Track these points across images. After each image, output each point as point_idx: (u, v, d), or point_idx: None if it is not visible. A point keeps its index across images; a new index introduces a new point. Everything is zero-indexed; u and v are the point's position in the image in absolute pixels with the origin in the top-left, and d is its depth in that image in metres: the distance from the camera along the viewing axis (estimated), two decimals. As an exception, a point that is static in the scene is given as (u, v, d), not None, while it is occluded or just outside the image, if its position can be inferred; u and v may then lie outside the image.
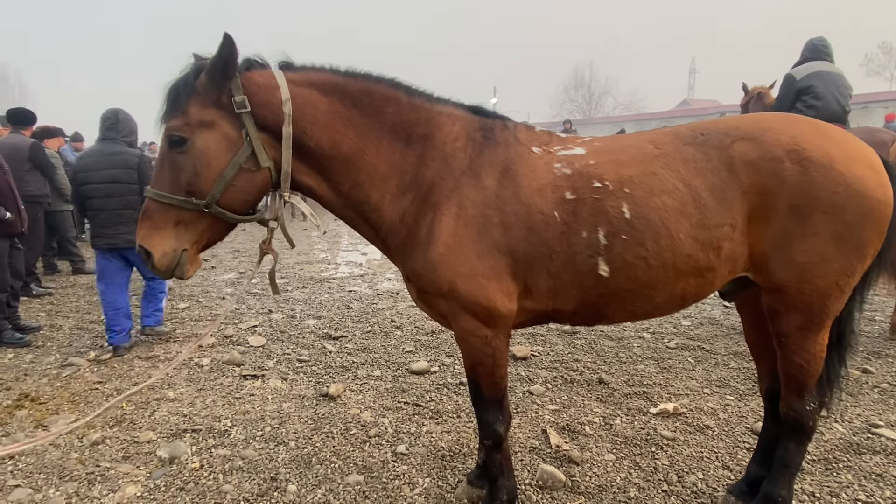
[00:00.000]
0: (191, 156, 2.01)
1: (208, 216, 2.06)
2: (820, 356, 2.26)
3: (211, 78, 1.99)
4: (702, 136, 2.18)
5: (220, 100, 2.01)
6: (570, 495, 2.84)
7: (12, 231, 5.05)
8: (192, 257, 2.11)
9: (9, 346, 4.97)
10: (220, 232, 2.18)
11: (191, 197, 2.02)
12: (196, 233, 2.08)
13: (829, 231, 2.04)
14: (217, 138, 2.02)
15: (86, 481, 2.95)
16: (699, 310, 6.09)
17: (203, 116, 2.01)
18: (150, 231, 2.05)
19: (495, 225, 2.13)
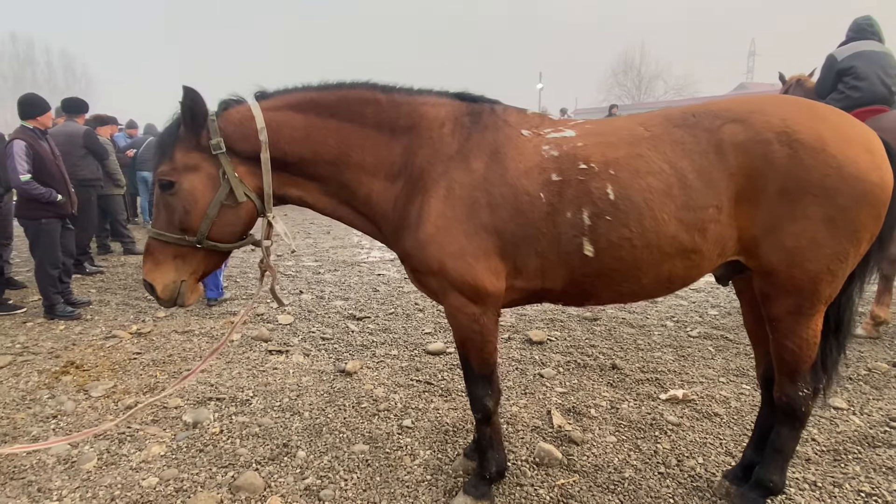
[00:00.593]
0: (179, 197, 2.18)
1: (202, 249, 2.24)
2: (813, 341, 2.23)
3: (186, 126, 2.16)
4: (693, 118, 2.18)
5: (200, 143, 2.18)
6: (564, 473, 2.90)
7: (63, 213, 5.45)
8: (191, 286, 2.30)
9: (60, 319, 5.39)
10: (216, 261, 2.37)
11: (184, 234, 2.20)
12: (193, 265, 2.27)
13: (821, 214, 2.02)
14: (201, 179, 2.19)
15: (117, 440, 3.22)
16: (729, 299, 5.96)
17: (187, 161, 2.18)
18: (152, 266, 2.24)
19: (483, 206, 2.20)
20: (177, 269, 2.24)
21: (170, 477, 2.87)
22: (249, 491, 2.74)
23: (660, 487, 2.78)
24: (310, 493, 2.74)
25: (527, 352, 4.55)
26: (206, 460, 3.03)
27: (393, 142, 2.35)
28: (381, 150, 2.35)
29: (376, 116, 2.35)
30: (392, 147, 2.35)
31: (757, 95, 2.30)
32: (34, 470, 2.93)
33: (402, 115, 2.36)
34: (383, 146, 2.35)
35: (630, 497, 2.71)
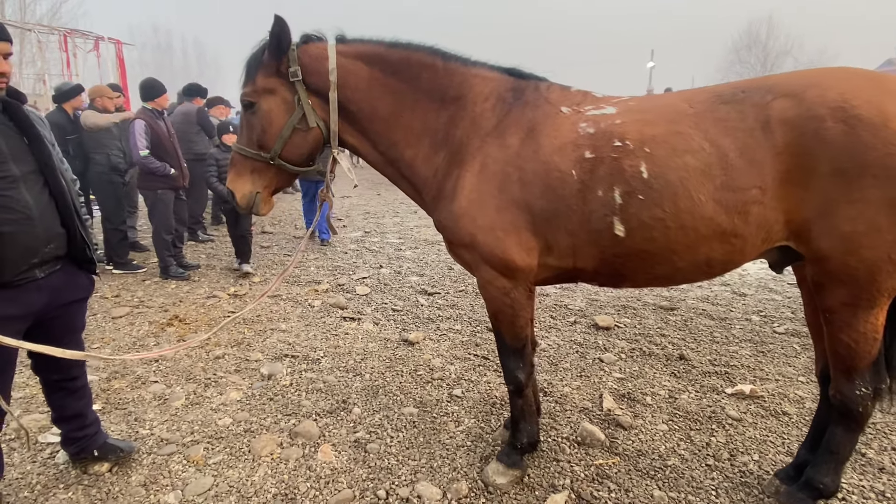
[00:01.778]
0: (258, 117, 2.39)
1: (274, 166, 2.45)
2: (871, 337, 2.06)
3: (270, 52, 2.34)
4: (742, 93, 2.06)
5: (280, 70, 2.36)
6: (604, 454, 2.89)
7: (176, 185, 6.13)
8: (265, 199, 2.51)
9: (172, 279, 6.09)
10: (286, 179, 2.56)
11: (260, 150, 2.42)
12: (266, 179, 2.47)
13: (881, 197, 1.85)
14: (277, 102, 2.37)
15: (203, 384, 3.66)
16: None
17: (266, 84, 2.37)
18: (234, 177, 2.49)
19: (514, 182, 2.24)
20: (253, 181, 2.45)
21: (241, 419, 3.23)
22: (306, 437, 3.02)
23: (703, 479, 2.70)
24: (358, 444, 2.97)
25: (591, 336, 4.49)
26: (273, 408, 3.36)
27: (441, 110, 2.43)
28: (430, 116, 2.44)
29: (431, 82, 2.43)
30: (439, 115, 2.43)
31: (824, 68, 2.11)
32: (134, 403, 3.42)
33: (452, 85, 2.43)
34: (432, 113, 2.43)
35: (669, 484, 2.66)
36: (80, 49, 15.27)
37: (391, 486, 2.63)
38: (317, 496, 2.58)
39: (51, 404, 2.59)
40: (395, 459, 2.84)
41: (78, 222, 2.36)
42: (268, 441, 2.97)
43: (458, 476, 2.70)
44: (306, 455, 2.88)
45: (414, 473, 2.72)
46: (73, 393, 2.58)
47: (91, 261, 2.47)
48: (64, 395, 2.56)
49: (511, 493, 2.58)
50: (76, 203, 2.38)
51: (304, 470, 2.76)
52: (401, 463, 2.81)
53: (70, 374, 2.53)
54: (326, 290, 5.76)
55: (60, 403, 2.58)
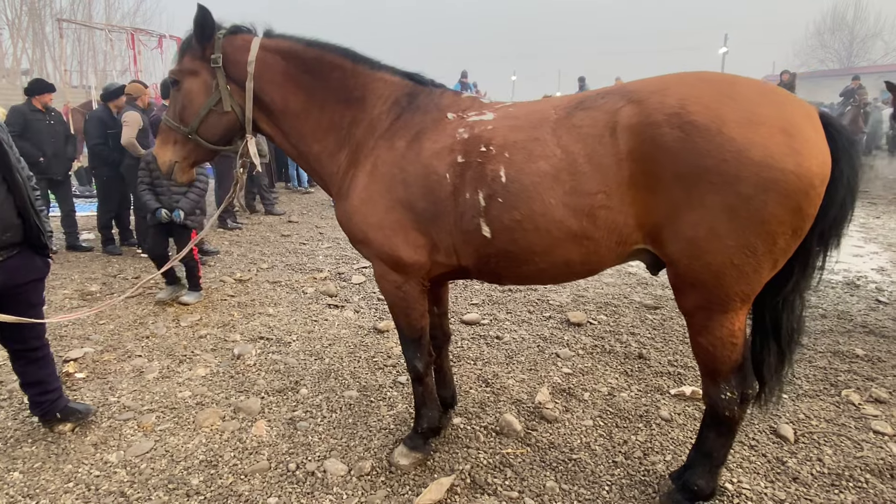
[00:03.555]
0: (181, 94, 2.63)
1: (192, 141, 2.65)
2: (729, 341, 2.06)
3: (195, 38, 2.56)
4: (601, 98, 2.11)
5: (204, 54, 2.57)
6: (516, 444, 3.00)
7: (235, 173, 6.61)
8: (183, 168, 2.71)
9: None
10: (203, 154, 2.75)
11: (181, 124, 2.64)
12: (185, 151, 2.68)
13: (720, 203, 1.86)
14: (198, 83, 2.59)
15: (178, 360, 4.03)
16: (836, 302, 5.21)
17: (191, 66, 2.59)
18: (159, 144, 2.72)
19: (399, 183, 2.38)
20: (174, 151, 2.67)
21: (199, 393, 3.56)
22: (247, 412, 3.31)
23: (604, 474, 2.75)
24: (291, 422, 3.22)
25: (560, 332, 4.54)
26: (231, 385, 3.67)
27: (346, 110, 2.58)
28: (336, 114, 2.59)
29: (339, 82, 2.59)
30: (344, 115, 2.58)
31: (680, 73, 2.10)
32: (115, 374, 3.83)
33: (357, 86, 2.58)
34: (338, 112, 2.59)
35: (567, 476, 2.74)
36: (145, 46, 16.41)
37: (302, 461, 2.86)
38: (237, 465, 2.85)
39: (16, 371, 3.00)
40: (318, 437, 3.07)
41: (33, 213, 2.72)
42: (211, 414, 3.27)
43: (368, 455, 2.89)
44: (242, 429, 3.16)
45: (330, 451, 2.94)
46: (34, 362, 2.97)
47: (45, 246, 2.82)
48: (26, 363, 2.96)
49: (411, 474, 2.75)
50: (31, 197, 2.74)
51: (234, 441, 3.04)
52: (322, 441, 3.03)
53: (30, 344, 2.91)
54: (325, 277, 6.07)
55: (23, 370, 2.97)
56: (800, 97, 2.12)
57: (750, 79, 1.99)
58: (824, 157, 1.85)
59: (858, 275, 6.13)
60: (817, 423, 3.20)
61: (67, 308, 5.16)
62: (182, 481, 2.72)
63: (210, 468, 2.82)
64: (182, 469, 2.82)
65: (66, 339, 4.45)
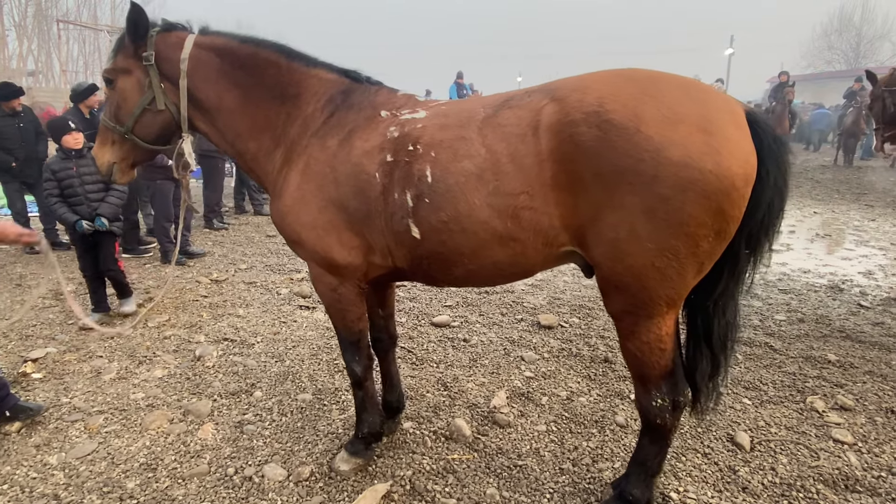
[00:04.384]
0: (116, 93, 2.59)
1: (129, 141, 2.62)
2: (658, 347, 1.99)
3: (129, 37, 2.52)
4: (528, 96, 2.05)
5: (137, 53, 2.53)
6: (463, 449, 2.93)
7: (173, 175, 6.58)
8: (122, 169, 2.68)
9: (169, 264, 6.56)
10: (142, 154, 2.71)
11: (117, 124, 2.60)
12: (123, 152, 2.65)
13: (639, 204, 1.79)
14: (132, 82, 2.55)
15: (138, 361, 3.99)
16: (817, 306, 5.11)
17: (124, 65, 2.55)
18: (98, 146, 2.68)
19: (331, 182, 2.33)
20: (112, 152, 2.64)
21: (152, 395, 3.52)
22: (195, 415, 3.26)
23: (548, 481, 2.69)
24: (238, 425, 3.17)
25: (529, 335, 4.47)
26: (186, 386, 3.63)
27: (281, 107, 2.53)
28: (271, 112, 2.54)
29: (274, 79, 2.54)
30: (279, 112, 2.53)
31: (604, 70, 2.03)
32: (72, 375, 3.80)
33: (292, 83, 2.53)
34: (273, 109, 2.54)
35: (510, 483, 2.67)
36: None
37: (242, 465, 2.81)
38: (176, 468, 2.80)
39: None
40: (264, 441, 3.02)
41: None
42: (159, 416, 3.23)
43: (310, 461, 2.84)
44: (188, 432, 3.12)
45: (272, 455, 2.89)
46: None
47: None
48: None
49: (350, 480, 2.69)
50: None
51: (178, 444, 3.00)
52: (266, 445, 2.98)
53: None
54: (302, 278, 6.03)
55: None
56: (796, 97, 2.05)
57: (677, 76, 1.92)
58: (747, 156, 1.78)
59: (844, 278, 6.02)
60: (777, 430, 3.12)
61: (39, 307, 5.14)
62: (118, 484, 2.68)
63: (149, 471, 2.78)
64: (120, 472, 2.78)
65: (32, 338, 4.43)
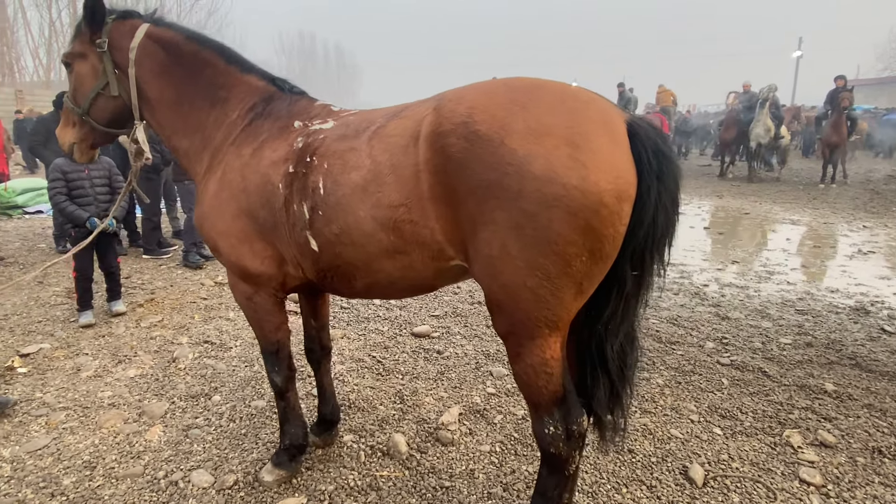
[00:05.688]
0: (73, 77, 2.68)
1: (87, 123, 2.70)
2: (543, 370, 1.86)
3: (86, 22, 2.59)
4: (418, 106, 1.98)
5: (93, 39, 2.59)
6: (395, 466, 2.86)
7: None
8: (82, 149, 2.78)
9: (187, 266, 6.77)
10: (100, 137, 2.79)
11: (75, 106, 2.69)
12: (83, 133, 2.74)
13: (507, 220, 1.69)
14: (87, 67, 2.63)
15: (118, 360, 4.14)
16: (832, 329, 4.71)
17: (81, 49, 2.63)
18: (61, 126, 2.80)
19: (242, 191, 2.32)
20: (74, 133, 2.75)
21: (118, 393, 3.63)
22: (150, 416, 3.34)
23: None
24: (185, 428, 3.22)
25: (507, 348, 4.33)
26: (152, 387, 3.73)
27: (211, 110, 2.55)
28: (202, 114, 2.56)
29: (209, 80, 2.56)
30: (209, 115, 2.55)
31: (495, 79, 1.92)
32: (53, 371, 3.98)
33: (224, 87, 2.54)
34: (204, 111, 2.56)
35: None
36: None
37: (173, 469, 2.84)
38: (114, 468, 2.87)
39: None
40: (203, 446, 3.05)
41: None
42: (115, 415, 3.33)
43: (239, 469, 2.84)
44: (137, 432, 3.19)
45: (205, 461, 2.91)
46: None
47: None
48: None
49: (272, 492, 2.67)
50: None
51: (124, 445, 3.07)
52: (204, 450, 3.01)
53: None
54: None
55: None
56: (869, 103, 1.87)
57: (560, 85, 1.79)
58: (619, 171, 1.63)
59: (875, 300, 5.54)
60: (739, 465, 2.87)
61: (51, 304, 5.44)
62: (55, 480, 2.77)
63: (88, 469, 2.86)
64: (62, 468, 2.87)
65: (34, 333, 4.68)
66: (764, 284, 6.07)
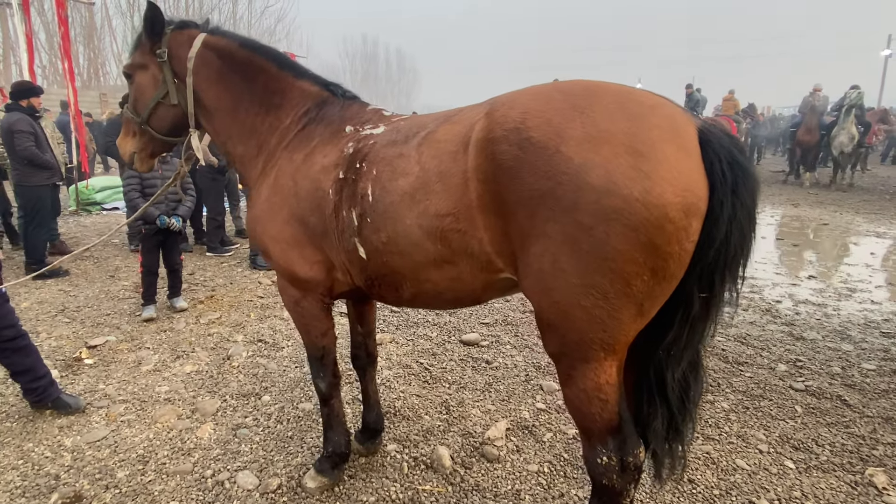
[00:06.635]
0: (134, 87, 2.75)
1: (147, 132, 2.76)
2: (597, 396, 1.72)
3: (146, 34, 2.65)
4: (471, 110, 1.89)
5: (153, 49, 2.65)
6: (438, 481, 2.77)
7: None
8: (142, 158, 2.85)
9: (256, 268, 6.90)
10: (159, 145, 2.84)
11: (135, 115, 2.76)
12: (142, 142, 2.81)
13: (560, 233, 1.57)
14: (148, 77, 2.69)
15: (177, 355, 4.27)
16: None
17: (142, 60, 2.70)
18: (122, 136, 2.88)
19: (293, 196, 2.31)
20: (134, 143, 2.82)
21: (174, 389, 3.74)
22: (202, 413, 3.41)
23: (516, 529, 2.46)
24: (234, 428, 3.26)
25: (559, 361, 4.17)
26: (206, 384, 3.81)
27: (266, 115, 2.56)
28: (258, 120, 2.58)
29: (264, 86, 2.57)
30: (264, 120, 2.56)
31: (553, 83, 1.78)
32: (116, 363, 4.14)
33: (278, 92, 2.55)
34: (259, 117, 2.57)
35: (473, 526, 2.48)
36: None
37: (221, 469, 2.87)
38: (165, 464, 2.93)
39: (3, 363, 3.31)
40: (250, 447, 3.07)
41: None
42: (170, 411, 3.42)
43: (284, 473, 2.84)
44: (190, 429, 3.26)
45: (252, 462, 2.93)
46: (17, 351, 3.27)
47: None
48: (10, 353, 3.26)
49: (315, 498, 2.65)
50: None
51: (177, 441, 3.14)
52: (251, 451, 3.03)
53: (5, 335, 3.21)
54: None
55: (10, 361, 3.28)
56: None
57: (622, 87, 1.65)
58: (688, 183, 1.48)
59: (975, 324, 4.98)
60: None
61: (119, 298, 5.70)
62: (110, 472, 2.85)
63: (141, 463, 2.93)
64: (117, 461, 2.96)
65: (101, 326, 4.91)
66: (844, 302, 5.60)
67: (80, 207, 10.29)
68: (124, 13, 35.94)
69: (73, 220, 9.74)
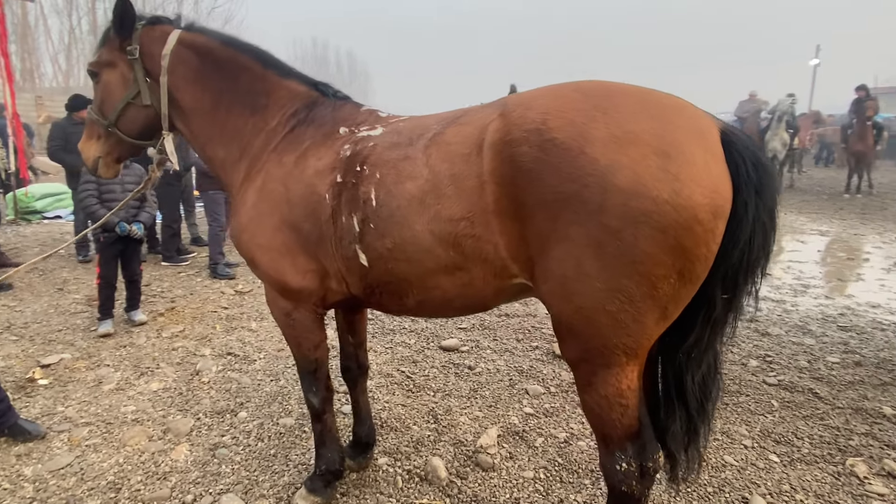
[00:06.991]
0: (100, 86, 2.54)
1: (114, 135, 2.56)
2: (617, 402, 1.70)
3: (115, 30, 2.46)
4: (481, 111, 1.83)
5: (122, 46, 2.47)
6: (435, 493, 2.70)
7: None
8: (107, 163, 2.64)
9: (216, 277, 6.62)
10: (126, 149, 2.64)
11: (101, 117, 2.55)
12: (108, 146, 2.60)
13: (584, 236, 1.53)
14: (116, 76, 2.50)
15: (140, 372, 4.02)
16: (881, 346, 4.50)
17: (109, 58, 2.50)
18: (84, 140, 2.65)
19: (284, 202, 2.19)
20: (98, 147, 2.60)
21: (142, 408, 3.50)
22: (174, 433, 3.21)
23: (519, 539, 2.41)
24: (212, 447, 3.08)
25: (541, 365, 4.17)
26: (176, 402, 3.60)
27: (250, 117, 2.41)
28: (240, 121, 2.43)
29: (247, 86, 2.43)
30: (248, 122, 2.42)
31: (569, 82, 1.76)
32: (75, 383, 3.86)
33: (263, 92, 2.41)
34: (242, 118, 2.42)
35: (476, 538, 2.41)
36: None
37: (202, 493, 2.69)
38: (140, 490, 2.73)
39: None
40: (232, 468, 2.90)
41: None
42: (139, 432, 3.20)
43: (271, 493, 2.69)
44: (162, 451, 3.05)
45: (235, 484, 2.76)
46: None
47: None
48: None
49: (307, 519, 2.52)
50: None
51: (149, 464, 2.94)
52: (233, 472, 2.87)
53: None
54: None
55: None
56: (888, 111, 1.72)
57: (640, 88, 1.64)
58: (716, 184, 1.48)
59: (925, 315, 5.30)
60: (804, 497, 2.68)
61: (71, 312, 5.34)
62: (79, 503, 2.63)
63: (113, 491, 2.72)
64: (86, 489, 2.73)
65: (54, 343, 4.57)
66: (801, 298, 5.86)
67: (20, 216, 9.63)
68: (60, 11, 34.14)
69: (11, 229, 9.10)
